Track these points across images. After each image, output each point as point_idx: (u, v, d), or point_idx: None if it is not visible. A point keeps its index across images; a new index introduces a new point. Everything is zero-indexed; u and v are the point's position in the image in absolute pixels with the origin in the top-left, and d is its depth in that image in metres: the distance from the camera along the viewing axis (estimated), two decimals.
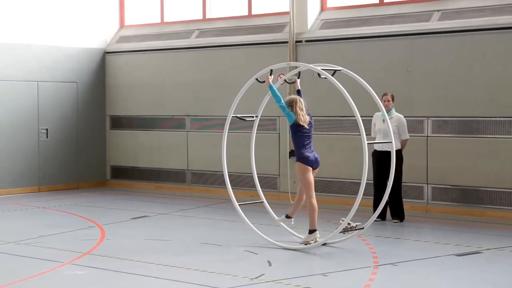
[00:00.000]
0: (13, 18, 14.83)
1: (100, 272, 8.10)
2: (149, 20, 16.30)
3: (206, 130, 14.39)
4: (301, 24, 13.63)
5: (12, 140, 14.82)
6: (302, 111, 9.31)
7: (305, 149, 9.33)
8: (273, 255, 8.93)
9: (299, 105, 9.32)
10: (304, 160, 9.30)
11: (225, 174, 9.98)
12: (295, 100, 9.36)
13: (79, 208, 12.88)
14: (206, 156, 14.72)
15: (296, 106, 9.31)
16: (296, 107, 9.31)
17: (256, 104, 10.63)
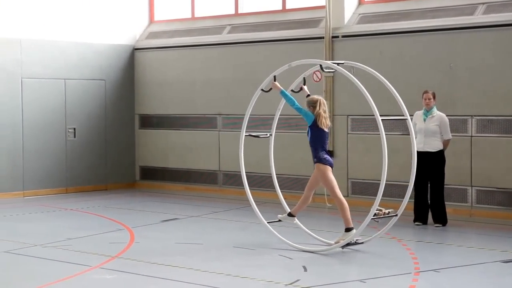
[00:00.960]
0: (41, 14, 14.75)
1: (129, 277, 8.02)
2: (179, 16, 16.20)
3: (239, 129, 14.04)
4: (338, 18, 13.41)
5: (39, 140, 14.69)
6: (325, 113, 9.28)
7: (323, 150, 9.31)
8: (308, 260, 8.79)
9: (322, 107, 9.27)
10: (323, 160, 9.27)
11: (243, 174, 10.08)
12: (319, 101, 9.29)
13: (108, 210, 12.82)
14: (239, 157, 14.40)
15: (320, 108, 9.25)
16: (319, 109, 9.25)
17: None
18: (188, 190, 15.33)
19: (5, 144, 14.23)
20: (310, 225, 10.68)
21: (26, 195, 14.46)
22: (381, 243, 9.84)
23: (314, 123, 9.26)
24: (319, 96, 9.43)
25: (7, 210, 12.77)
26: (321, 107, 9.23)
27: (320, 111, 9.22)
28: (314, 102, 9.27)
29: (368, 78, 12.99)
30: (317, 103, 9.24)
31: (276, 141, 13.87)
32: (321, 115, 9.22)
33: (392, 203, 12.72)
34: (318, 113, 9.20)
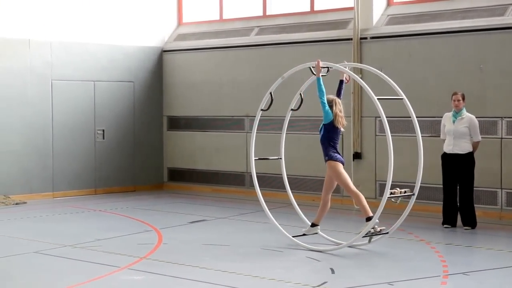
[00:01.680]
0: (71, 17, 14.83)
1: (157, 278, 8.00)
2: (208, 18, 16.21)
3: (266, 131, 14.05)
4: (366, 20, 13.32)
5: (68, 141, 14.77)
6: (341, 113, 9.34)
7: (334, 149, 9.38)
8: (336, 262, 8.72)
9: (338, 107, 9.34)
10: (334, 157, 9.33)
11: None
12: (334, 101, 9.36)
13: (136, 211, 12.84)
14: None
15: (336, 107, 9.32)
16: (336, 109, 9.31)
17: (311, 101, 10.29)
18: (216, 192, 15.30)
19: (36, 146, 14.33)
20: (338, 227, 10.65)
21: (55, 196, 14.55)
22: (410, 246, 9.77)
23: (331, 122, 9.33)
24: (333, 96, 9.46)
25: (37, 211, 12.85)
26: (337, 107, 9.32)
27: (336, 111, 9.30)
28: (330, 101, 9.33)
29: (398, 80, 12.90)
30: (333, 103, 9.32)
31: (304, 142, 13.88)
32: (338, 114, 9.30)
33: (419, 205, 12.64)
34: (335, 112, 9.29)
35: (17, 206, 13.37)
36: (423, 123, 12.63)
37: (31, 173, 14.27)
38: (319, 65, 9.53)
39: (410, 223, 11.45)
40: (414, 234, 10.52)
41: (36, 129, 14.33)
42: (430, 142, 12.40)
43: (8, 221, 11.85)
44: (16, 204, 13.49)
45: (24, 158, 14.17)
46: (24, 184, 14.15)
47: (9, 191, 13.89)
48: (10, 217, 12.16)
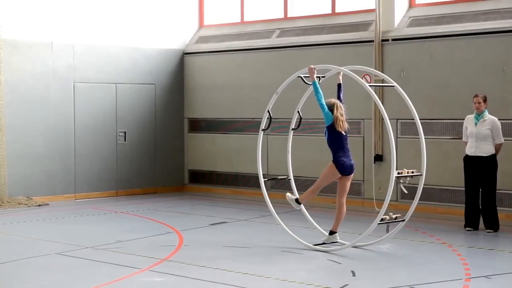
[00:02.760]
0: (93, 20, 14.90)
1: (178, 280, 8.00)
2: (229, 20, 16.23)
3: (287, 133, 14.01)
4: (388, 21, 13.26)
5: (90, 144, 14.85)
6: (342, 116, 9.29)
7: (342, 153, 9.34)
8: (357, 265, 8.68)
9: (339, 111, 9.30)
10: (338, 165, 9.31)
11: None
12: (336, 104, 9.33)
13: (157, 213, 12.86)
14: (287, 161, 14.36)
15: (337, 111, 9.28)
16: (337, 112, 9.28)
17: None
18: (236, 194, 15.30)
19: (58, 148, 14.42)
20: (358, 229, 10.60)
21: (77, 197, 14.62)
22: (431, 248, 9.71)
23: (332, 124, 9.31)
24: (336, 100, 9.44)
25: (59, 212, 12.92)
26: (338, 110, 9.28)
27: (337, 114, 9.26)
28: (331, 105, 9.31)
29: (420, 82, 12.88)
30: (334, 106, 9.29)
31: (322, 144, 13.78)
32: (339, 118, 9.26)
33: (441, 207, 12.57)
34: (335, 116, 9.25)
35: (40, 208, 13.46)
36: (445, 125, 12.57)
37: (54, 175, 14.36)
38: (312, 69, 9.52)
39: (432, 225, 11.40)
40: (436, 237, 10.45)
41: (58, 131, 14.41)
42: (452, 145, 12.34)
43: (30, 222, 11.94)
44: (39, 206, 13.58)
45: (47, 160, 14.26)
46: (46, 186, 14.24)
47: (31, 193, 13.98)
48: (33, 219, 12.24)
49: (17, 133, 13.83)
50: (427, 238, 10.36)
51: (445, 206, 12.50)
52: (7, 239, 10.77)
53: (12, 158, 13.65)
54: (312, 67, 9.55)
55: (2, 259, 9.32)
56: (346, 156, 9.37)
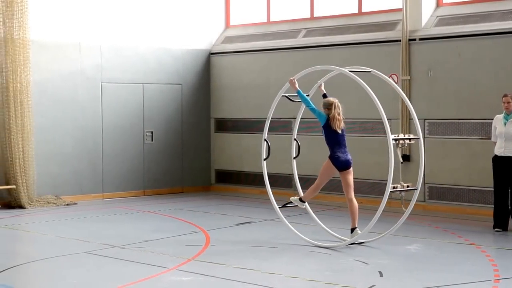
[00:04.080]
0: (120, 20, 14.99)
1: (205, 279, 8.02)
2: (255, 20, 16.23)
3: (314, 133, 14.01)
4: (415, 21, 13.16)
5: (118, 143, 14.94)
6: (339, 116, 9.53)
7: (338, 149, 9.59)
8: (384, 265, 8.63)
9: (337, 110, 9.54)
10: (334, 159, 9.58)
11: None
12: (334, 104, 9.56)
13: (184, 213, 12.90)
14: (313, 161, 14.31)
15: (334, 110, 9.53)
16: (334, 111, 9.52)
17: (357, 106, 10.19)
18: (263, 194, 15.18)
19: (86, 148, 14.53)
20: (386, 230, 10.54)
21: (105, 197, 14.72)
22: (460, 249, 9.63)
23: (326, 124, 9.55)
24: (334, 99, 9.64)
25: (87, 212, 13.02)
26: (335, 110, 9.51)
27: (334, 113, 9.49)
28: (329, 104, 9.56)
29: (447, 81, 12.78)
30: (332, 106, 9.53)
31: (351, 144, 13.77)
32: (335, 117, 9.49)
33: (470, 208, 12.47)
34: (332, 115, 9.49)
35: (68, 207, 13.57)
36: (474, 125, 12.46)
37: (82, 175, 14.46)
38: (292, 81, 9.98)
39: (460, 226, 11.31)
40: (464, 237, 10.36)
41: (86, 131, 14.52)
42: (481, 145, 12.23)
43: (59, 221, 12.04)
44: (67, 205, 13.70)
45: (75, 160, 14.37)
46: (74, 185, 14.35)
47: (60, 192, 14.10)
48: (61, 218, 12.34)
49: (46, 133, 13.95)
50: (455, 239, 10.27)
51: (474, 206, 12.39)
52: (36, 238, 10.88)
53: (40, 157, 13.77)
54: (292, 79, 9.98)
55: (31, 257, 9.42)
56: (342, 152, 9.58)
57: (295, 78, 10.05)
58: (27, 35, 13.32)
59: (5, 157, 13.24)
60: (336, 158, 9.56)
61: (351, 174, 9.68)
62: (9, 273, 8.30)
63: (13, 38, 13.14)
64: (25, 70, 13.31)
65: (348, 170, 9.63)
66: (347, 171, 9.63)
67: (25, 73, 13.32)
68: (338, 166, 9.59)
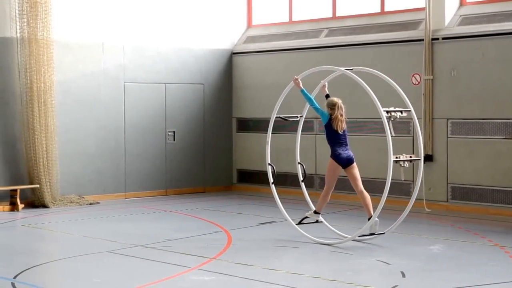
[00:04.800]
0: (143, 21, 15.04)
1: (227, 279, 8.02)
2: (277, 20, 16.20)
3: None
4: (438, 20, 13.07)
5: (140, 143, 14.99)
6: (341, 117, 9.65)
7: (338, 147, 9.69)
8: (406, 266, 8.57)
9: (340, 111, 9.66)
10: (335, 157, 9.69)
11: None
12: (338, 104, 9.67)
13: (206, 212, 12.92)
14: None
15: (338, 111, 9.64)
16: (337, 112, 9.63)
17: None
18: (285, 194, 15.18)
19: (109, 147, 14.60)
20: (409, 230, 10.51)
21: (127, 196, 14.78)
22: (483, 250, 9.56)
23: (328, 123, 9.68)
24: (338, 99, 9.74)
25: (109, 211, 13.07)
26: (338, 111, 9.63)
27: (337, 114, 9.61)
28: (333, 104, 9.69)
29: (471, 81, 12.68)
30: (336, 106, 9.64)
31: (373, 144, 13.73)
32: (338, 118, 9.61)
33: (495, 208, 12.36)
34: (335, 115, 9.61)
35: (91, 206, 13.64)
36: (497, 125, 12.35)
37: (105, 174, 14.54)
38: (296, 80, 10.17)
39: (483, 226, 11.23)
40: (488, 238, 10.28)
41: (109, 131, 14.59)
42: (505, 145, 12.12)
43: (82, 220, 12.11)
44: (90, 204, 13.77)
45: (98, 159, 14.45)
46: (97, 185, 14.43)
47: (83, 192, 14.18)
48: (84, 217, 12.42)
49: (69, 132, 14.04)
50: (478, 239, 10.19)
51: (497, 207, 12.29)
52: (60, 237, 10.97)
53: (64, 157, 13.86)
54: (296, 78, 10.14)
55: (55, 256, 9.50)
56: (343, 149, 9.67)
57: (299, 78, 10.17)
58: (51, 36, 13.42)
59: (29, 156, 13.35)
60: (338, 155, 9.66)
61: (356, 168, 9.75)
62: (33, 272, 8.37)
63: (37, 39, 13.25)
64: (48, 70, 13.41)
65: (352, 165, 9.71)
66: (351, 166, 9.71)
67: (48, 73, 13.42)
68: (342, 163, 9.68)
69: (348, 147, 9.76)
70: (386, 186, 9.33)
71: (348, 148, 9.76)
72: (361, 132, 13.83)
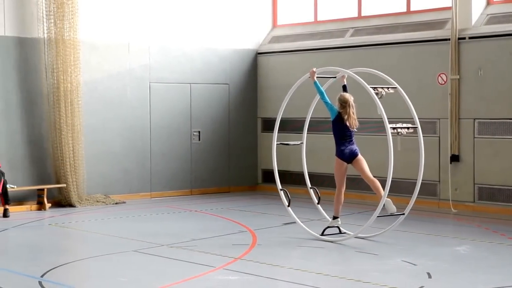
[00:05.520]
0: (168, 22, 15.08)
1: (252, 278, 8.02)
2: (302, 19, 16.17)
3: (362, 133, 13.90)
4: (465, 19, 12.96)
5: (166, 143, 15.05)
6: (354, 114, 9.75)
7: (343, 143, 9.80)
8: (433, 266, 8.52)
9: (351, 109, 9.75)
10: (339, 154, 9.84)
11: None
12: (349, 102, 9.76)
13: (231, 212, 12.94)
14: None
15: (349, 109, 9.74)
16: (349, 110, 9.73)
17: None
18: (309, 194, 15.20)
19: (135, 147, 14.67)
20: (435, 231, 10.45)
21: (153, 196, 14.84)
22: (510, 251, 9.46)
23: (336, 118, 9.79)
24: (350, 97, 9.84)
25: (135, 210, 13.14)
26: (350, 108, 9.73)
27: (350, 112, 9.72)
28: (344, 101, 9.78)
29: (498, 81, 12.56)
30: (347, 104, 9.74)
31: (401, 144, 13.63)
32: (351, 116, 9.72)
33: None
34: (348, 113, 9.71)
35: (117, 206, 13.72)
36: None
37: (130, 174, 14.61)
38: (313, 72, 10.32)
39: (510, 227, 11.13)
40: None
41: (135, 130, 14.67)
42: None
43: (108, 220, 12.19)
44: (116, 204, 13.86)
45: (124, 159, 14.53)
46: (123, 184, 14.51)
47: (109, 191, 14.27)
48: (110, 216, 12.50)
49: (95, 132, 14.13)
50: (505, 241, 10.10)
51: None
52: (87, 236, 11.04)
53: (90, 157, 13.95)
54: (313, 70, 10.28)
55: (81, 255, 9.58)
56: (346, 145, 9.78)
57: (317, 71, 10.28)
58: (78, 36, 13.51)
59: (56, 156, 13.46)
60: (341, 152, 9.80)
61: (361, 161, 9.82)
62: (60, 271, 8.43)
63: (63, 39, 13.35)
64: (75, 70, 13.51)
65: (356, 158, 9.80)
66: (356, 160, 9.80)
67: (75, 73, 13.52)
68: (346, 158, 9.80)
69: (353, 142, 9.86)
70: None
71: (353, 143, 9.86)
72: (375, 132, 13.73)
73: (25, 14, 13.35)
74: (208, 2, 15.61)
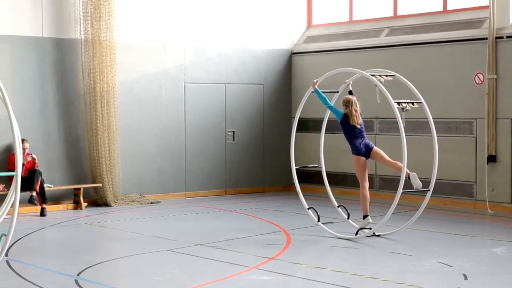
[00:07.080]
0: (203, 22, 15.15)
1: (286, 279, 8.02)
2: (337, 19, 16.13)
3: (395, 133, 13.80)
4: (503, 18, 12.81)
5: (200, 143, 15.10)
6: (356, 112, 10.19)
7: (355, 141, 10.17)
8: (469, 268, 8.43)
9: (354, 107, 10.20)
10: (355, 150, 10.19)
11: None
12: (351, 101, 10.25)
13: (265, 212, 12.95)
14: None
15: (352, 107, 10.19)
16: (351, 108, 10.17)
17: None
18: (344, 194, 15.15)
19: (169, 147, 14.76)
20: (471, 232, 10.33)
21: (187, 196, 14.91)
22: None
23: (343, 120, 10.23)
24: (352, 97, 10.38)
25: (170, 210, 13.22)
26: (352, 107, 10.18)
27: (352, 110, 10.15)
28: (347, 101, 10.28)
29: None
30: (350, 103, 10.22)
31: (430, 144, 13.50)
32: (353, 113, 10.15)
33: None
34: (350, 111, 10.15)
35: (152, 205, 13.81)
36: None
37: (165, 174, 14.70)
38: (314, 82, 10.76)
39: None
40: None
41: (170, 130, 14.75)
42: None
43: (143, 219, 12.27)
44: (151, 203, 13.95)
45: (159, 159, 14.62)
46: (158, 184, 14.60)
47: (144, 191, 14.37)
48: (145, 216, 12.58)
49: (131, 132, 14.24)
50: None
51: None
52: (122, 235, 11.13)
53: (125, 156, 14.07)
54: (315, 81, 10.76)
55: (117, 254, 9.65)
56: (359, 142, 10.12)
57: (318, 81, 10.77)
58: (114, 37, 13.63)
59: (92, 156, 13.59)
60: (356, 148, 10.14)
61: (378, 150, 10.15)
62: (96, 269, 8.51)
63: (100, 40, 13.48)
64: (111, 71, 13.63)
65: (373, 151, 10.13)
66: (373, 152, 10.14)
67: (111, 74, 13.64)
68: (362, 153, 10.12)
69: (364, 137, 10.20)
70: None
71: (365, 138, 10.20)
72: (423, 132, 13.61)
73: (62, 15, 13.51)
74: (243, 2, 15.64)
